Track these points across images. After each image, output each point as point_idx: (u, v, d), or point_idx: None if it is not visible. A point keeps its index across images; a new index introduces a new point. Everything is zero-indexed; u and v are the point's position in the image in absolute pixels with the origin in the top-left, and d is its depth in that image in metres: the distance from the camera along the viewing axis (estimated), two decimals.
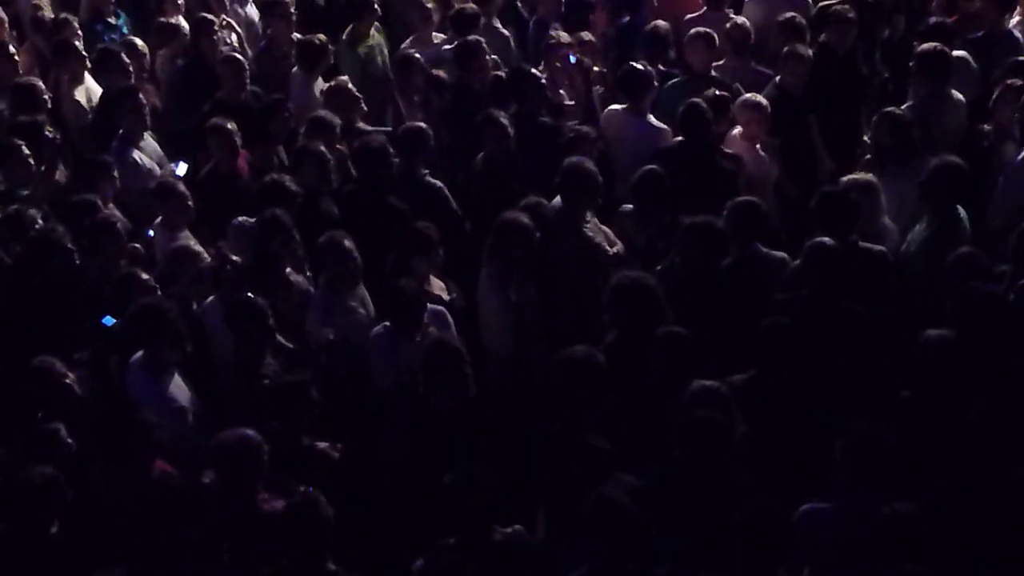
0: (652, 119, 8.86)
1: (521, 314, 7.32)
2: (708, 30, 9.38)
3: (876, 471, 5.55)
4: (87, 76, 9.74)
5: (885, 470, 5.56)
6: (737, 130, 8.71)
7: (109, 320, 7.03)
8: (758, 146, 8.72)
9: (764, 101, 8.70)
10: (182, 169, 8.71)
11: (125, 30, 10.89)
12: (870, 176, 7.81)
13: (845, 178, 7.91)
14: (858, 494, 5.57)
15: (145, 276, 7.12)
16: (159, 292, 7.14)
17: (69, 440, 6.04)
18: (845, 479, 5.60)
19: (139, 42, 10.11)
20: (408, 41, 10.31)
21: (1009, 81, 8.47)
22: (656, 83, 8.97)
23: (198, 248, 7.68)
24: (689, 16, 10.12)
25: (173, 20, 10.47)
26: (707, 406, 5.87)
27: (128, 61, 9.55)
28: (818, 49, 9.40)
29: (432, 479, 5.77)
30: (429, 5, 10.48)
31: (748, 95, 8.79)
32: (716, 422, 5.77)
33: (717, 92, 8.72)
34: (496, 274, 7.38)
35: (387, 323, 7.04)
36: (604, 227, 7.91)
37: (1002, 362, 6.24)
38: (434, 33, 10.39)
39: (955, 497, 5.67)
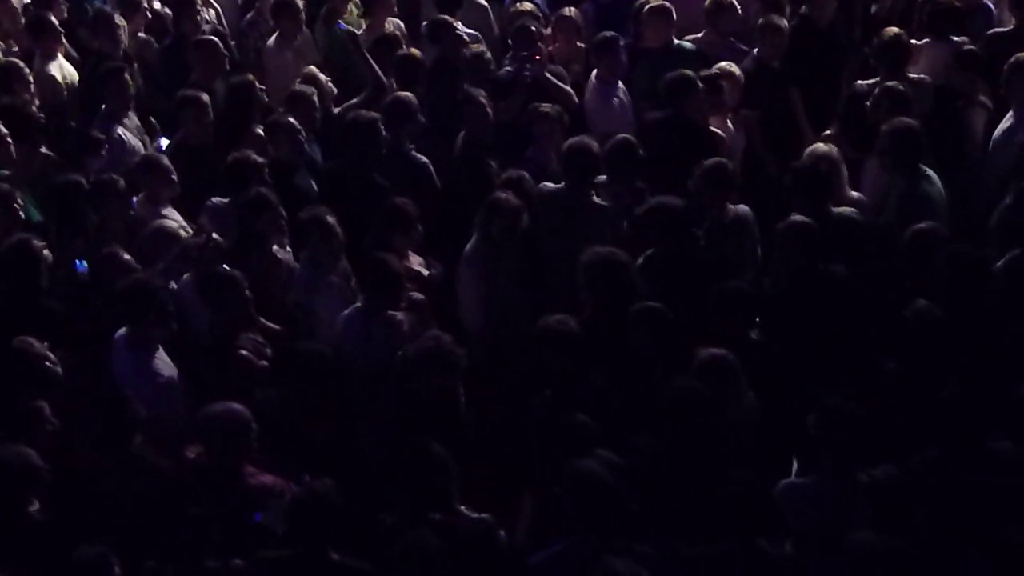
0: (620, 89, 8.91)
1: (497, 292, 7.36)
2: (664, 4, 9.35)
3: (850, 443, 5.61)
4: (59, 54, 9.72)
5: (859, 441, 5.62)
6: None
7: (81, 265, 7.11)
8: (729, 117, 8.74)
9: (737, 71, 8.71)
10: (163, 143, 8.71)
11: None
12: (830, 147, 7.86)
13: (807, 151, 7.96)
14: (834, 466, 5.64)
15: (126, 256, 7.11)
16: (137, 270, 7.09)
17: (53, 419, 6.04)
18: (821, 452, 5.67)
19: (118, 17, 10.03)
20: (363, 31, 10.12)
21: (966, 48, 8.57)
22: (624, 53, 9.00)
23: (178, 224, 7.67)
24: None
25: None
26: (714, 375, 5.94)
27: (119, 26, 9.55)
28: (798, 21, 9.42)
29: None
30: None
31: (722, 63, 8.80)
32: (703, 393, 5.81)
33: (711, 72, 8.68)
34: (477, 251, 7.40)
35: (358, 304, 7.01)
36: None
37: (988, 332, 6.33)
38: (389, 18, 10.27)
39: (935, 468, 5.71)
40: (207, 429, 5.90)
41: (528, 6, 9.77)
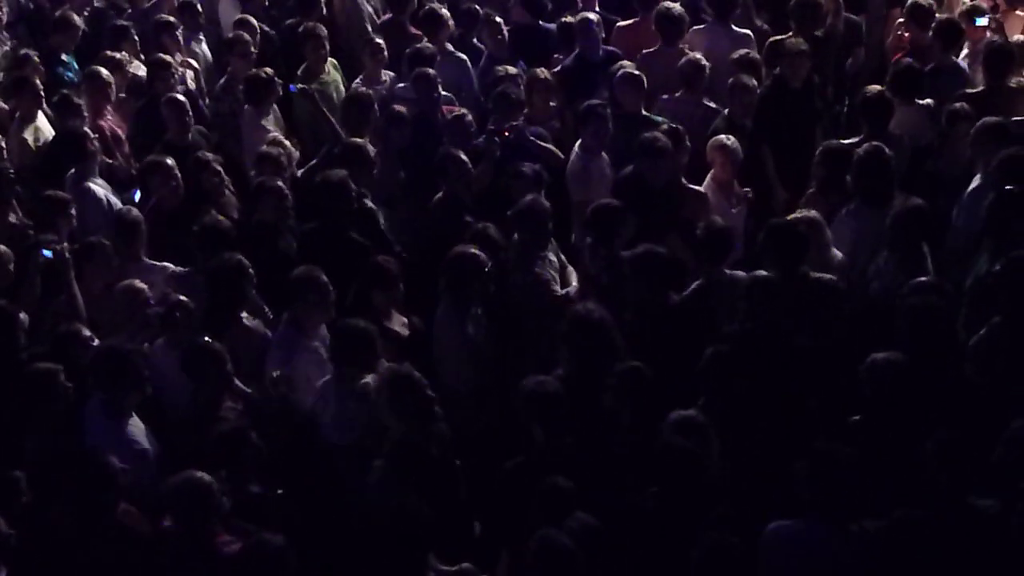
0: (602, 157, 8.94)
1: (478, 348, 7.37)
2: (635, 72, 9.44)
3: (840, 489, 5.57)
4: (40, 115, 9.73)
5: (849, 488, 5.59)
6: (711, 174, 8.75)
7: (48, 252, 7.28)
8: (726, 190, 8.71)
9: (730, 142, 8.67)
10: (137, 195, 8.72)
11: (75, 66, 10.88)
12: (814, 212, 7.87)
13: (791, 215, 7.97)
14: (823, 513, 5.58)
15: (87, 332, 7.05)
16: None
17: (28, 490, 6.00)
18: (809, 499, 5.61)
19: (103, 71, 10.01)
20: (358, 80, 10.34)
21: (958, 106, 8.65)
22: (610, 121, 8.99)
23: (144, 286, 7.56)
24: (645, 51, 10.17)
25: (119, 55, 10.42)
26: (685, 435, 5.93)
27: (79, 103, 9.48)
28: (772, 82, 9.51)
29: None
30: (379, 42, 10.51)
31: (718, 136, 8.78)
32: (694, 452, 5.82)
33: (672, 125, 8.77)
34: (452, 308, 7.40)
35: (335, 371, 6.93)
36: (564, 263, 8.01)
37: (956, 383, 6.37)
38: (383, 71, 10.41)
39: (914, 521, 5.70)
40: (171, 498, 5.88)
41: (513, 70, 9.82)
